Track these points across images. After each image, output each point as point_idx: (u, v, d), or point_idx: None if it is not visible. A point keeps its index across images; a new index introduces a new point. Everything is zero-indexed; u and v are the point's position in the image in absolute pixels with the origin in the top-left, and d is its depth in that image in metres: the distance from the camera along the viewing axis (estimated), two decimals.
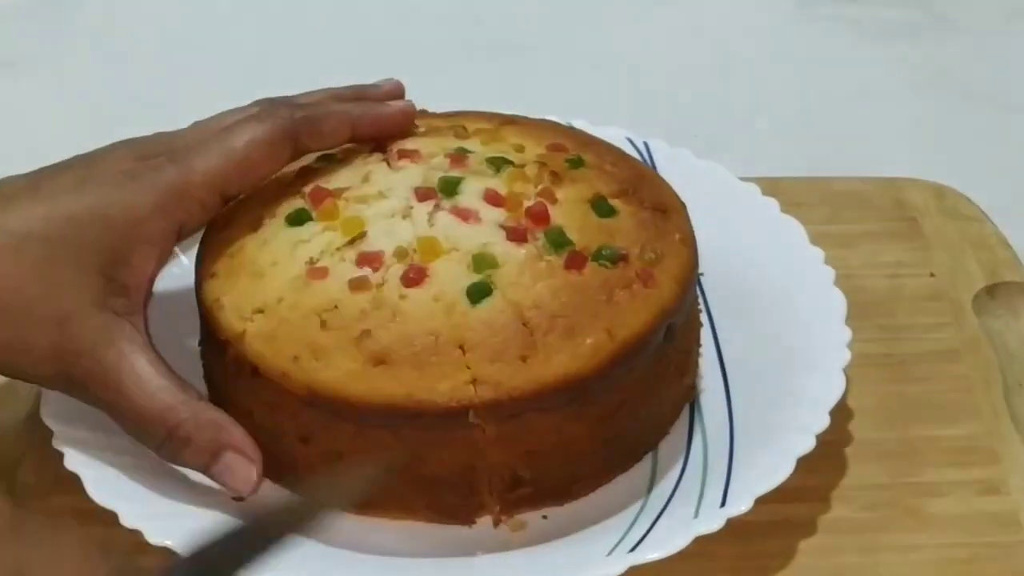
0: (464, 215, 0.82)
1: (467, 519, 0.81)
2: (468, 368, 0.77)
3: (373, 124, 0.85)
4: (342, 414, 0.78)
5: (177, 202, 0.79)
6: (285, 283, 0.80)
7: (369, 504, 0.81)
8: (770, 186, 0.98)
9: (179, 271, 0.89)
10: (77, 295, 0.77)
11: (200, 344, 0.87)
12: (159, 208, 0.78)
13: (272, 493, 0.81)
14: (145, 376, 0.78)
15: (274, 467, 0.81)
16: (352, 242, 0.81)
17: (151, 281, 0.80)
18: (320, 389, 0.78)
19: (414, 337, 0.78)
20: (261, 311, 0.80)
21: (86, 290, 0.77)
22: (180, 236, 0.81)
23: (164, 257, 0.80)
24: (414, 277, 0.79)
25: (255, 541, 0.74)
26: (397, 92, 0.88)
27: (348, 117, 0.84)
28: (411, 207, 0.82)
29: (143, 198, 0.78)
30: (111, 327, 0.78)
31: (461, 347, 0.78)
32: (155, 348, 0.79)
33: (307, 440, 0.80)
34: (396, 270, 0.79)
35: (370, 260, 0.80)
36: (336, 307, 0.79)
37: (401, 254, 0.80)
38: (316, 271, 0.80)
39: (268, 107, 0.82)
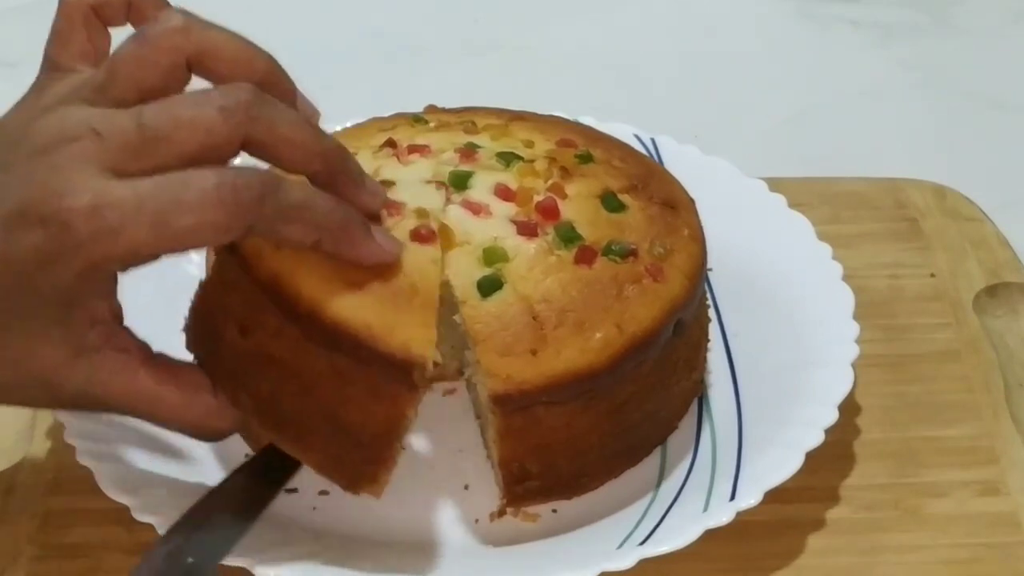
0: (475, 208, 0.82)
1: (354, 485, 0.77)
2: (434, 330, 0.75)
3: (346, 253, 0.75)
4: (296, 316, 0.75)
5: (98, 274, 0.71)
6: None
7: (272, 427, 0.77)
8: (770, 186, 0.98)
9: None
10: (46, 356, 0.72)
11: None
12: (81, 280, 0.70)
13: None
14: (152, 398, 0.75)
15: (213, 365, 0.78)
16: None
17: (114, 304, 0.74)
18: (288, 281, 0.75)
19: (398, 281, 0.76)
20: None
21: (50, 348, 0.72)
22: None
23: (113, 287, 0.74)
24: (425, 235, 0.78)
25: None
26: (380, 208, 0.78)
27: (317, 230, 0.73)
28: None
29: (59, 282, 0.70)
30: (96, 368, 0.73)
31: (436, 310, 0.76)
32: (148, 351, 0.76)
33: (246, 333, 0.77)
34: (409, 223, 0.78)
35: (390, 207, 0.79)
36: None
37: (421, 213, 0.79)
38: None
39: (234, 188, 0.69)
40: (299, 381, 0.76)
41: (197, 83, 0.73)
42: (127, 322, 0.76)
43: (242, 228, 0.70)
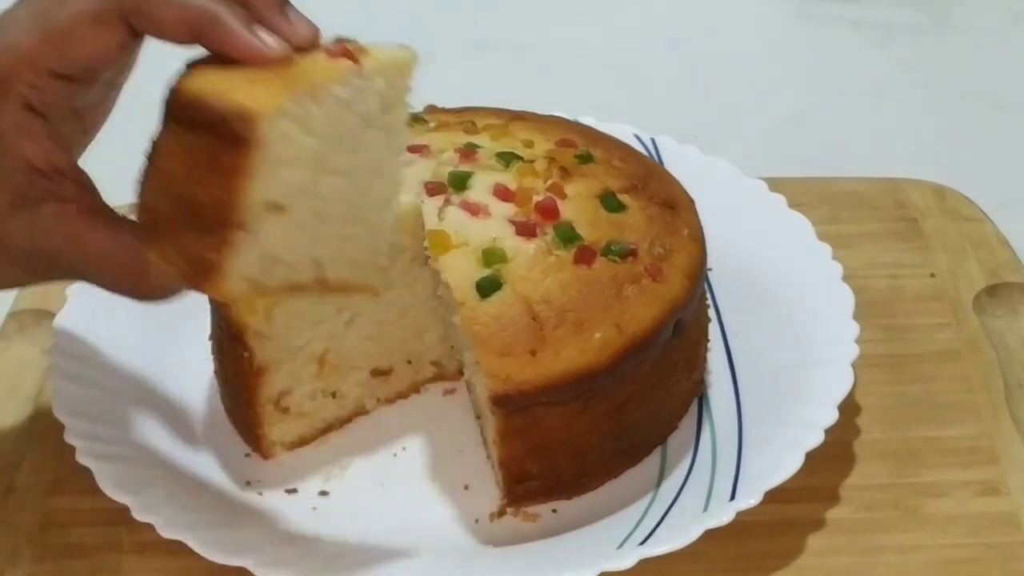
0: (474, 210, 0.82)
1: (194, 277, 0.71)
2: (283, 100, 0.69)
3: (222, 45, 0.72)
4: (173, 112, 0.70)
5: (9, 98, 0.72)
6: None
7: (150, 236, 0.72)
8: (771, 186, 0.98)
9: None
10: None
11: (211, 338, 0.87)
12: None
13: None
14: (84, 247, 0.73)
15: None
16: None
17: (54, 154, 0.73)
18: (183, 87, 0.70)
19: (280, 70, 0.70)
20: None
21: None
22: (39, 112, 0.73)
23: (42, 128, 0.73)
24: (336, 51, 0.73)
25: None
26: (306, 37, 0.74)
27: (191, 18, 0.71)
28: (422, 202, 0.83)
29: None
30: (36, 219, 0.73)
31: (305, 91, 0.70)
32: (93, 202, 0.74)
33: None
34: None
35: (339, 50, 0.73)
36: None
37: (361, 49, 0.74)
38: None
39: None
40: (162, 172, 0.71)
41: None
42: None
43: (118, 18, 0.72)
